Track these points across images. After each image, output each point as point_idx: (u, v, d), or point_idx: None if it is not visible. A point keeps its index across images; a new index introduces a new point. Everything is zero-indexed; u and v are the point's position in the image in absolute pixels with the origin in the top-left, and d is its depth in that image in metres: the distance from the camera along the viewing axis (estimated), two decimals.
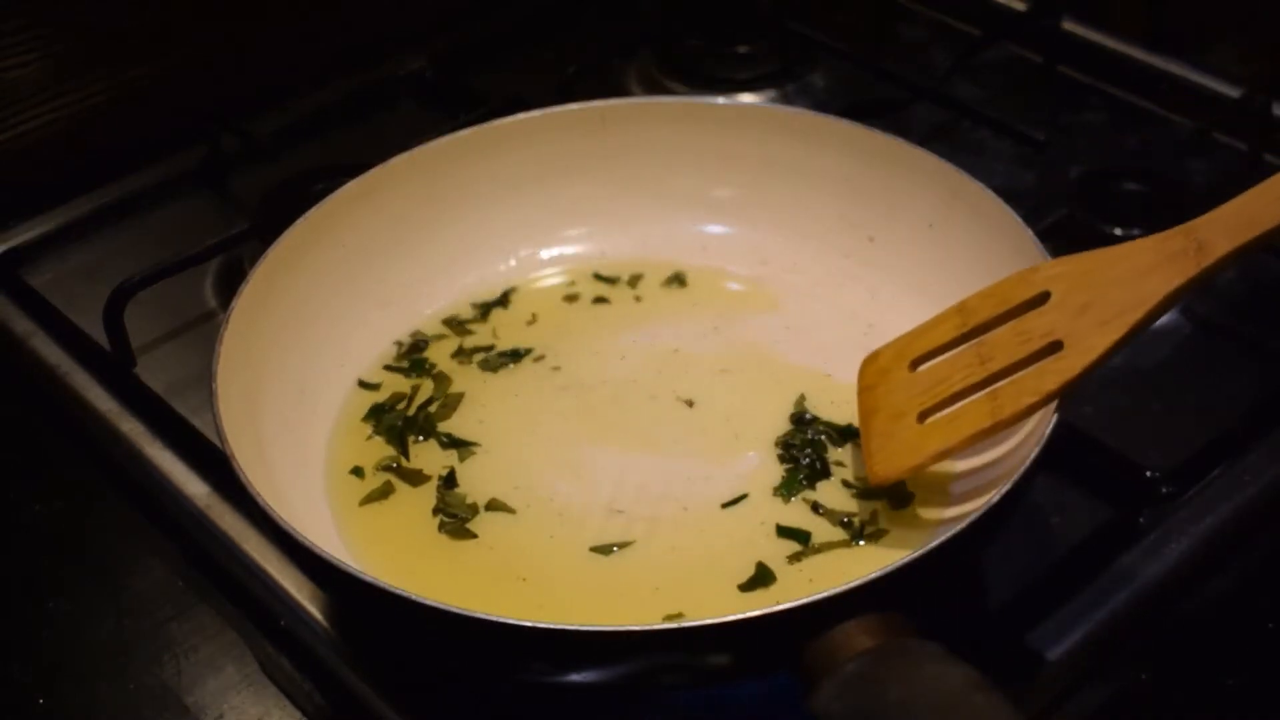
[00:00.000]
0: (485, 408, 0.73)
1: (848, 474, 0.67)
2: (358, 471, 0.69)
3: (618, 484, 0.67)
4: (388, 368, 0.75)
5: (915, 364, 0.63)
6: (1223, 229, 0.55)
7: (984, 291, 0.61)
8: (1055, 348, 0.57)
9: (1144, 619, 0.64)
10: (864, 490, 0.66)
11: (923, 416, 0.61)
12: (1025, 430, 0.63)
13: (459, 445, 0.71)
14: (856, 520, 0.65)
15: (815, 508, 0.66)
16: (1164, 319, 0.78)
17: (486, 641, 0.55)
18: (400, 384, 0.74)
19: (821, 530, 0.65)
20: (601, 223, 0.81)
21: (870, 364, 0.66)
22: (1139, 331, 0.56)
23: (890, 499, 0.65)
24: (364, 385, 0.74)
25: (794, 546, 0.64)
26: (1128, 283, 0.56)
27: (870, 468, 0.62)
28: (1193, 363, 0.77)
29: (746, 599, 0.62)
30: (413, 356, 0.76)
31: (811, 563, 0.63)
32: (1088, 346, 0.56)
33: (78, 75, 0.95)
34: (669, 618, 0.60)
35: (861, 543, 0.64)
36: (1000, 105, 0.95)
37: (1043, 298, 0.59)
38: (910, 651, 0.51)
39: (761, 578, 0.62)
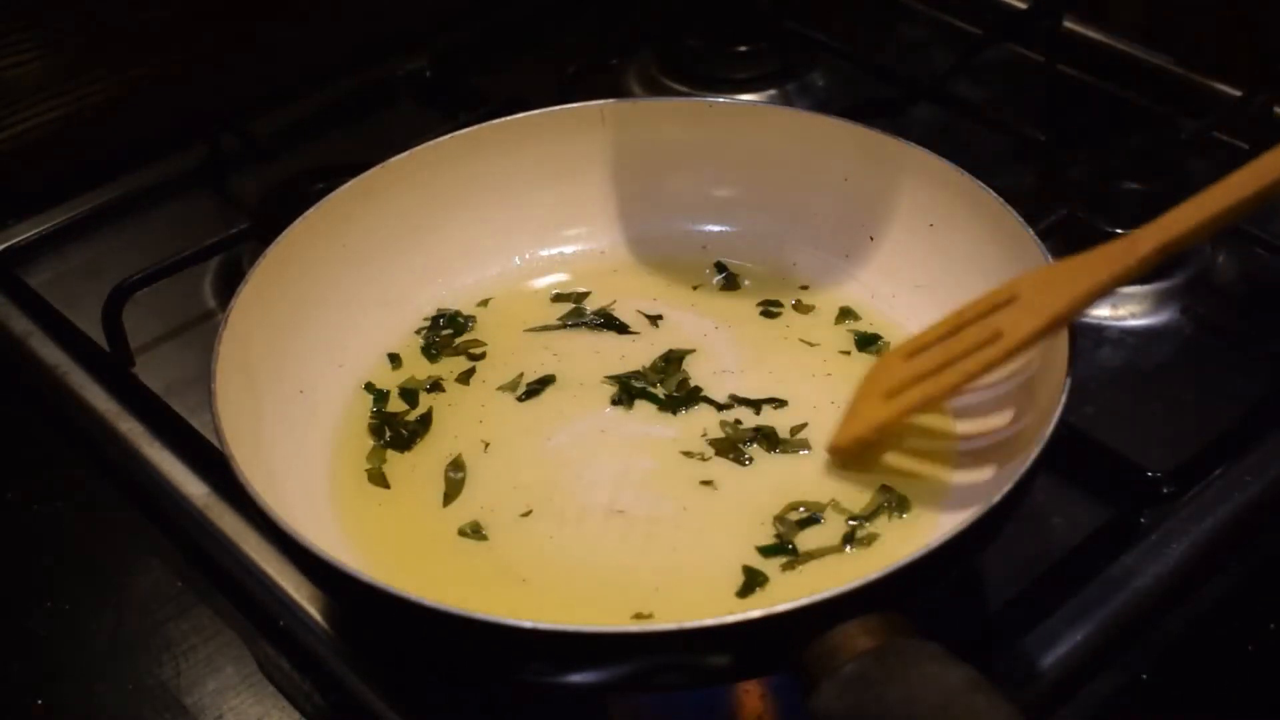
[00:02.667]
0: (485, 407, 0.73)
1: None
2: (357, 471, 0.69)
3: (618, 484, 0.67)
4: (389, 357, 0.75)
5: (912, 357, 0.68)
6: (1153, 231, 0.61)
7: (979, 298, 0.66)
8: (996, 338, 0.64)
9: (1144, 619, 0.64)
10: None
11: (887, 396, 0.67)
12: (1024, 430, 0.63)
13: (459, 445, 0.71)
14: (855, 521, 0.65)
15: (816, 508, 0.66)
16: (1164, 319, 0.80)
17: (487, 642, 0.55)
18: (399, 383, 0.74)
19: (820, 531, 0.65)
20: (601, 223, 0.81)
21: (881, 359, 0.70)
22: (1064, 320, 0.62)
23: (889, 501, 0.65)
24: (366, 385, 0.74)
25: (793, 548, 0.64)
26: (1068, 282, 0.62)
27: (833, 439, 0.68)
28: (1193, 363, 0.77)
29: (746, 600, 0.62)
30: (413, 355, 0.76)
31: (809, 565, 0.63)
32: (1015, 335, 0.63)
33: (78, 75, 0.95)
34: (638, 617, 0.60)
35: (859, 546, 0.64)
36: (1000, 105, 0.95)
37: (1011, 300, 0.64)
38: (910, 651, 0.51)
39: (760, 580, 0.62)
